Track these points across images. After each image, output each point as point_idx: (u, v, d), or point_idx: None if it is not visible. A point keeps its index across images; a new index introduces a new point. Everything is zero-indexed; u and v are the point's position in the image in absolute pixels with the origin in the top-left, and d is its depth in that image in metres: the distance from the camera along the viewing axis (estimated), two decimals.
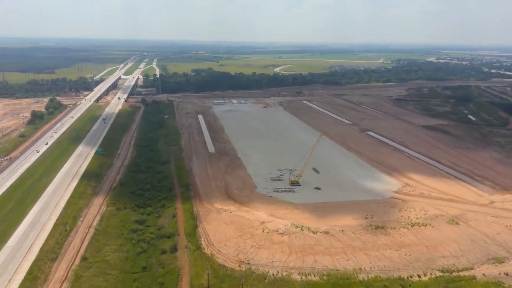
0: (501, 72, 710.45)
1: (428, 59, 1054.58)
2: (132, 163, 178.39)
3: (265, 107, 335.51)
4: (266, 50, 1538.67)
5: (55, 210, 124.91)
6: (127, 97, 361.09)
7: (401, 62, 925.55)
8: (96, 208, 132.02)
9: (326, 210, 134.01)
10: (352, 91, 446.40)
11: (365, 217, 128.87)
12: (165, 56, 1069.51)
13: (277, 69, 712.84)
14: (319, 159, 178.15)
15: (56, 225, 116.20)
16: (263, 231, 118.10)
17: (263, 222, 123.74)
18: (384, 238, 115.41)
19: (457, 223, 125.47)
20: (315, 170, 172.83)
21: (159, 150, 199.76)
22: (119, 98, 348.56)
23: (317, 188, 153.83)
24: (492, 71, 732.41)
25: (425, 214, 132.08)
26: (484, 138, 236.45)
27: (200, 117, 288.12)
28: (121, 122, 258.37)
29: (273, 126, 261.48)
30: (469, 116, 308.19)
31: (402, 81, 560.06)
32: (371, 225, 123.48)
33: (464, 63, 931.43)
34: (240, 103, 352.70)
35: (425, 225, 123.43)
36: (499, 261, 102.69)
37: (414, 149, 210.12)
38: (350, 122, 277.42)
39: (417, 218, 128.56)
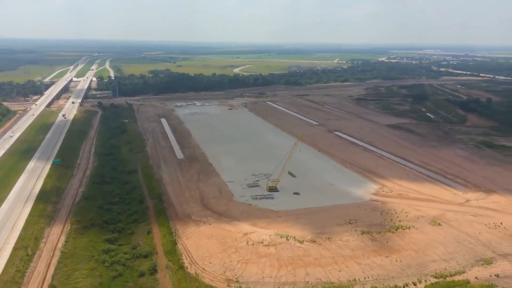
0: (449, 70, 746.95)
1: (380, 59, 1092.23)
2: (95, 174, 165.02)
3: (230, 109, 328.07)
4: (222, 51, 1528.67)
5: (12, 232, 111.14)
6: (82, 101, 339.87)
7: (355, 62, 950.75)
8: (60, 227, 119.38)
9: (309, 217, 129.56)
10: (313, 91, 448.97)
11: (349, 222, 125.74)
12: (118, 57, 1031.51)
13: (236, 70, 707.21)
14: (293, 162, 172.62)
15: (15, 249, 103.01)
16: (248, 243, 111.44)
17: (246, 234, 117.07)
18: (371, 244, 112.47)
19: (439, 224, 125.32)
20: (291, 174, 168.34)
21: (123, 158, 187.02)
22: (73, 103, 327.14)
23: (296, 193, 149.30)
24: (441, 69, 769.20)
25: (407, 216, 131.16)
26: (446, 136, 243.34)
27: (164, 121, 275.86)
28: (78, 129, 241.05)
29: (241, 128, 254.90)
30: (428, 114, 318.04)
31: (359, 81, 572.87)
32: (356, 230, 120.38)
33: (414, 62, 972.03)
34: (204, 105, 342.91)
35: (409, 228, 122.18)
36: (488, 262, 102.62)
37: (383, 149, 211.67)
38: (317, 123, 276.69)
39: (400, 221, 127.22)
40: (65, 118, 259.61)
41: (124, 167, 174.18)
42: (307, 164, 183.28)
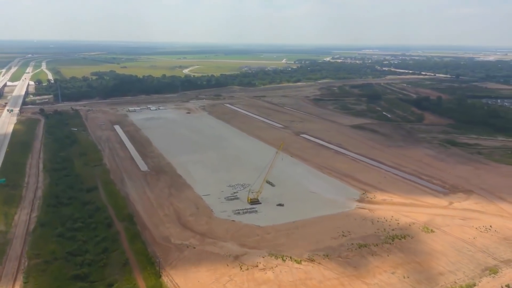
0: (392, 69, 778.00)
1: (325, 59, 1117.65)
2: (49, 194, 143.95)
3: (188, 112, 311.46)
4: (167, 51, 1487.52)
5: None
6: (21, 108, 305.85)
7: (303, 62, 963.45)
8: (15, 264, 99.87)
9: (299, 231, 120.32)
10: (269, 92, 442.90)
11: (343, 235, 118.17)
12: (55, 58, 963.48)
13: (186, 71, 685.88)
14: (272, 171, 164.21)
15: None
16: (241, 268, 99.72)
17: (237, 256, 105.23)
18: (373, 259, 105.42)
19: (432, 230, 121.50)
20: (269, 183, 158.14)
21: (79, 174, 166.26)
22: (10, 110, 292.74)
23: (280, 205, 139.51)
24: (384, 69, 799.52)
25: (398, 223, 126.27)
26: (410, 135, 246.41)
27: (118, 128, 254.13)
28: (21, 141, 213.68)
29: (206, 134, 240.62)
30: (385, 114, 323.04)
31: (311, 81, 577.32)
32: (352, 244, 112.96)
33: (358, 62, 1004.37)
34: (159, 109, 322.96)
35: (404, 237, 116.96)
36: (494, 271, 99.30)
37: (354, 151, 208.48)
38: (282, 126, 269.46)
39: (393, 230, 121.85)
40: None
41: (81, 184, 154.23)
42: (283, 170, 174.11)
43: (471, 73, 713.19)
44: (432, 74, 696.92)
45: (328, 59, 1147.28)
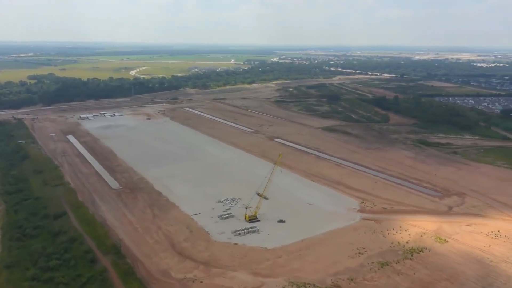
0: (340, 70, 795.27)
1: (273, 59, 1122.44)
2: (9, 225, 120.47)
3: (148, 118, 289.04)
4: (106, 51, 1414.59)
5: None
6: None
7: (252, 62, 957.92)
8: None
9: (312, 251, 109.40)
10: (227, 94, 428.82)
11: (359, 252, 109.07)
12: None
13: (133, 72, 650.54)
14: (256, 180, 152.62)
15: None
16: None
17: None
18: (401, 279, 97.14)
19: (445, 240, 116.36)
20: (261, 196, 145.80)
21: (39, 196, 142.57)
22: None
23: (281, 221, 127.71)
24: (332, 69, 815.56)
25: (409, 235, 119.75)
26: (382, 136, 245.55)
27: (72, 138, 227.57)
28: None
29: (175, 143, 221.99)
30: (349, 114, 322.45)
31: (265, 82, 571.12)
32: (372, 262, 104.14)
33: (305, 62, 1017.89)
34: (114, 115, 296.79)
35: (422, 251, 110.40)
36: None
37: (335, 155, 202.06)
38: (252, 130, 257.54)
39: (407, 242, 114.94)
40: None
41: (45, 209, 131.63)
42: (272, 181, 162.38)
43: (413, 72, 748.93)
44: (378, 74, 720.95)
45: (275, 59, 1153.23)
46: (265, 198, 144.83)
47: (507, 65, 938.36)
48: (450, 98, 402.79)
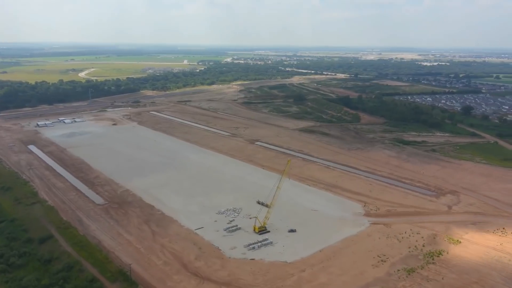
0: (296, 70, 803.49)
1: (227, 60, 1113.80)
2: None
3: (114, 124, 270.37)
4: (47, 52, 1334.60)
5: None
6: None
7: (207, 63, 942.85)
8: None
9: (334, 263, 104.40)
10: (191, 96, 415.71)
11: (381, 260, 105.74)
12: None
13: (82, 74, 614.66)
14: (252, 188, 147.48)
15: None
16: None
17: None
18: (431, 285, 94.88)
19: (458, 241, 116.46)
20: (262, 204, 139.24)
21: (15, 218, 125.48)
22: None
23: (292, 231, 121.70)
24: (287, 69, 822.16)
25: (422, 238, 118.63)
26: (359, 136, 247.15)
27: (35, 148, 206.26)
28: None
29: (152, 150, 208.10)
30: (319, 114, 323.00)
31: (225, 83, 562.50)
32: (398, 270, 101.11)
33: (259, 62, 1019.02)
34: (76, 121, 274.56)
35: (441, 254, 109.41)
36: None
37: (321, 157, 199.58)
38: (229, 133, 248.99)
39: (423, 246, 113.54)
40: None
41: (26, 233, 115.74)
42: (266, 186, 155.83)
43: (365, 72, 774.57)
44: (333, 74, 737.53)
45: (229, 59, 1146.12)
46: (267, 206, 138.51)
47: (448, 64, 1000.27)
48: (409, 97, 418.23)
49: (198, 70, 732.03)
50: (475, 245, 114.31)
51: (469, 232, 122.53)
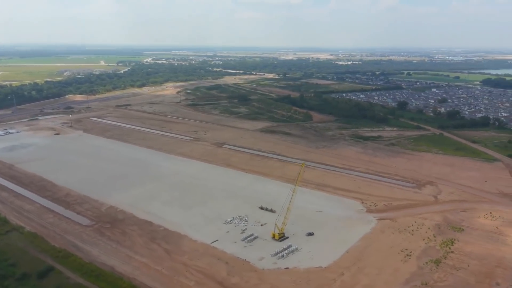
0: (225, 70, 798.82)
1: (147, 60, 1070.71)
2: None
3: (57, 133, 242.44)
4: None
5: None
6: None
7: (127, 64, 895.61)
8: None
9: (365, 263, 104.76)
10: (127, 99, 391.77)
11: (407, 255, 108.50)
12: None
13: None
14: (246, 193, 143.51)
15: None
16: None
17: None
18: (463, 274, 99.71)
19: (461, 229, 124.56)
20: (266, 209, 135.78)
21: None
22: None
23: (309, 234, 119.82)
24: (215, 69, 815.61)
25: (429, 229, 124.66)
26: (320, 134, 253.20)
27: None
28: None
29: (115, 160, 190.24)
30: (271, 115, 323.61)
31: (157, 84, 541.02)
32: (426, 263, 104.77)
33: (183, 63, 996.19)
34: (9, 133, 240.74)
35: (453, 243, 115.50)
36: None
37: (295, 157, 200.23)
38: (190, 138, 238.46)
39: (434, 237, 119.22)
40: None
41: (17, 268, 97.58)
42: (259, 191, 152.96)
43: (290, 71, 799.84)
44: (262, 74, 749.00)
45: (149, 60, 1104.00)
46: (272, 211, 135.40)
47: (361, 63, 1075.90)
48: (344, 94, 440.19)
49: (122, 72, 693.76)
50: (476, 231, 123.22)
51: (464, 219, 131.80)
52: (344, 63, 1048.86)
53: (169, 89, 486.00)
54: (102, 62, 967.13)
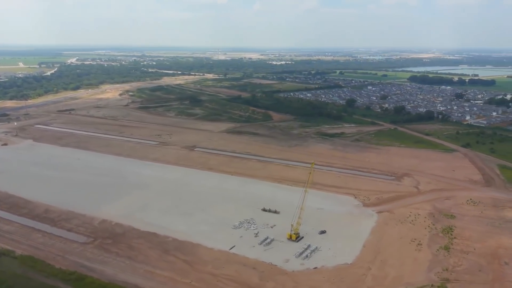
0: (160, 71, 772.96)
1: (72, 61, 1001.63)
2: None
3: (4, 144, 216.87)
4: None
5: None
6: None
7: (51, 65, 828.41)
8: None
9: (386, 255, 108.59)
10: (68, 103, 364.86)
11: (419, 244, 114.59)
12: None
13: None
14: (241, 196, 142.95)
15: None
16: None
17: None
18: (474, 257, 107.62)
19: (452, 216, 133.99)
20: (269, 211, 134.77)
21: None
22: None
23: (322, 232, 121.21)
24: (151, 70, 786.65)
25: (425, 218, 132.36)
26: (286, 133, 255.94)
27: None
28: None
29: (86, 170, 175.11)
30: (229, 115, 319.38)
31: (93, 87, 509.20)
32: (437, 250, 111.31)
33: (113, 63, 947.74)
34: None
35: (452, 229, 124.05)
36: None
37: (273, 157, 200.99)
38: (156, 142, 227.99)
39: (433, 224, 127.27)
40: None
41: None
42: (250, 192, 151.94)
43: (228, 71, 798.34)
44: (201, 74, 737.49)
45: (73, 60, 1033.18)
46: (276, 212, 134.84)
47: (293, 63, 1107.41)
48: (292, 94, 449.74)
49: (49, 74, 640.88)
50: (466, 217, 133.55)
51: (452, 206, 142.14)
52: (277, 63, 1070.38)
53: (110, 92, 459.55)
54: (21, 64, 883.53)
